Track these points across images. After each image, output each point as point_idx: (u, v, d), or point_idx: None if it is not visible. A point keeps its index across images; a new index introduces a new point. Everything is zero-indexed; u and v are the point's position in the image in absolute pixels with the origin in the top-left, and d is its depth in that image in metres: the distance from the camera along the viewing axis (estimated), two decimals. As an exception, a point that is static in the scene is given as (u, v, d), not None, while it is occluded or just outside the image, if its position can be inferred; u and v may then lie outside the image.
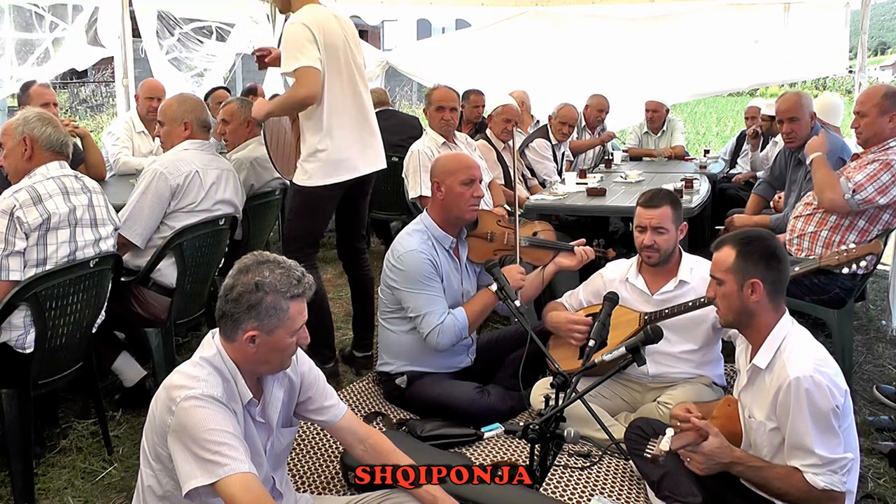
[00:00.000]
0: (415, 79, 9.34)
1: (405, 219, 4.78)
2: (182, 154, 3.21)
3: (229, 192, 3.32)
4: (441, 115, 4.17)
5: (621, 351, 2.24)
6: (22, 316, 2.55)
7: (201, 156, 3.25)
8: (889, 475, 2.71)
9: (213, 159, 3.31)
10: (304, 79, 3.02)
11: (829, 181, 3.17)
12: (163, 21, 6.39)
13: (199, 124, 3.30)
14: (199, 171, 3.17)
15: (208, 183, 3.20)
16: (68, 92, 18.76)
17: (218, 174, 3.27)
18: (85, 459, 2.87)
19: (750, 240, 2.15)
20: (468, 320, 2.98)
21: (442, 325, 2.94)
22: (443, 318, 2.95)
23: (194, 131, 3.29)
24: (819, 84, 30.14)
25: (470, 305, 3.04)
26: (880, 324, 4.28)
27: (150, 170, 3.12)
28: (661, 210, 2.86)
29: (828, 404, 1.95)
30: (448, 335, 2.95)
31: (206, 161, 3.25)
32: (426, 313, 2.96)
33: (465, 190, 3.02)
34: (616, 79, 6.81)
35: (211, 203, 3.21)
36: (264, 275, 1.76)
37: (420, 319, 2.98)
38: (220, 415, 1.68)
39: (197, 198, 3.16)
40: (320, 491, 2.57)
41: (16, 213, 2.50)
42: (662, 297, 2.89)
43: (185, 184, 3.12)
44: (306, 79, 3.02)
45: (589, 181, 4.91)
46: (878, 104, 3.17)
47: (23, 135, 2.65)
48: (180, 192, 3.12)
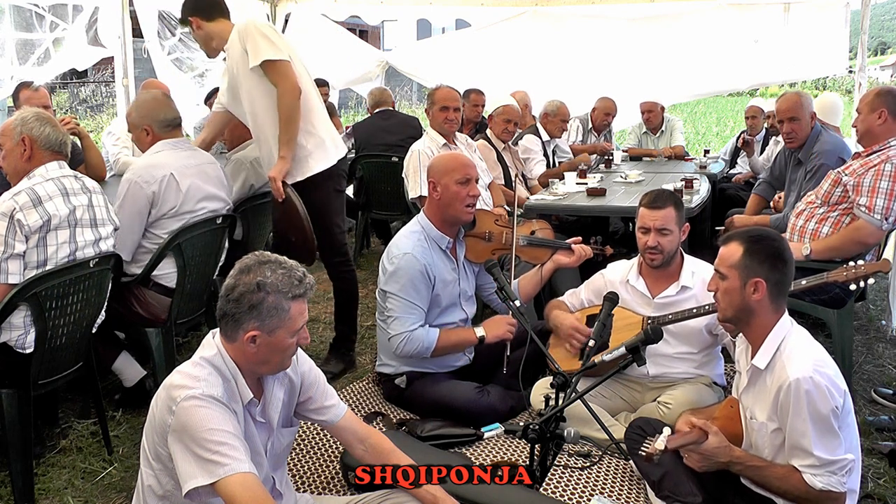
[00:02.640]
0: (415, 79, 9.33)
1: (405, 219, 4.78)
2: (154, 158, 3.11)
3: (213, 186, 3.22)
4: (445, 115, 4.17)
5: (621, 351, 2.24)
6: (22, 316, 2.55)
7: (175, 155, 3.14)
8: (889, 475, 2.71)
9: (190, 155, 3.20)
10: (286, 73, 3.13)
11: (847, 237, 3.15)
12: (164, 21, 6.40)
13: (160, 126, 3.16)
14: (173, 174, 3.06)
15: (185, 184, 3.09)
16: (68, 92, 18.74)
17: (197, 170, 3.16)
18: (85, 459, 2.87)
19: (758, 238, 2.14)
20: (436, 345, 2.99)
21: (411, 335, 2.97)
22: (414, 326, 2.97)
23: (156, 134, 3.16)
24: (819, 84, 30.15)
25: (447, 334, 3.05)
26: (880, 324, 4.29)
27: (125, 179, 3.05)
28: (664, 211, 2.85)
29: (827, 405, 1.95)
30: (412, 346, 2.97)
31: (182, 159, 3.14)
32: (398, 317, 2.98)
33: (460, 189, 3.02)
34: (616, 79, 6.80)
35: (193, 203, 3.13)
36: (266, 275, 1.76)
37: (391, 321, 3.00)
38: (221, 415, 1.68)
39: (177, 201, 3.08)
40: (320, 491, 2.57)
41: (16, 216, 2.50)
42: (664, 300, 2.89)
43: (161, 190, 3.03)
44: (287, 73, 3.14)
45: (589, 181, 4.91)
46: (870, 102, 3.24)
47: (21, 135, 2.64)
48: (158, 200, 3.04)
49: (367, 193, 5.51)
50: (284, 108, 3.15)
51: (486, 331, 3.05)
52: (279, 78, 3.12)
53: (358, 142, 5.71)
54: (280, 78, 3.12)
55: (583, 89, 6.64)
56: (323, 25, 7.52)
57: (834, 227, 3.21)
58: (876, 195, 3.07)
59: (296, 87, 3.15)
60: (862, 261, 2.68)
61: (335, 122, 7.45)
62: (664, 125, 6.59)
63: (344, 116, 13.52)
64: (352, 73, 7.83)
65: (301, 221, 3.24)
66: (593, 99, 6.40)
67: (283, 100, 3.14)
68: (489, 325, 3.07)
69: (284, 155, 3.18)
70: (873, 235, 3.12)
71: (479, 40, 7.34)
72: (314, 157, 3.32)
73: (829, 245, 3.17)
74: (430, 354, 3.01)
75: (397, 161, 4.54)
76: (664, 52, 6.82)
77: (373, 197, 5.50)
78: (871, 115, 3.22)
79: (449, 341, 3.04)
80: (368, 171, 5.43)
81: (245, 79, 3.23)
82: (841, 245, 3.15)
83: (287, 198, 3.22)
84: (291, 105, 3.15)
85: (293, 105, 3.16)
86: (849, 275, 2.66)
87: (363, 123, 6.01)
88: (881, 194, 3.06)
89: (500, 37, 7.14)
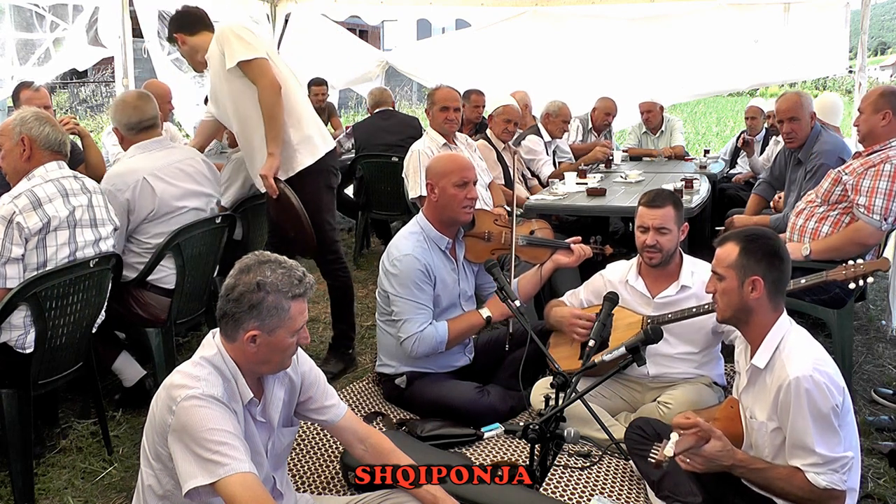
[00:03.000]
0: (415, 79, 9.34)
1: (405, 219, 4.78)
2: (126, 164, 3.07)
3: (192, 183, 3.18)
4: (445, 114, 4.17)
5: (621, 351, 2.24)
6: (22, 316, 2.54)
7: (148, 157, 3.09)
8: (889, 475, 2.71)
9: (165, 154, 3.14)
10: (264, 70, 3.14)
11: (846, 238, 3.14)
12: (164, 21, 6.40)
13: (127, 129, 3.12)
14: (146, 178, 3.02)
15: (160, 186, 3.05)
16: (68, 92, 18.74)
17: (173, 169, 3.12)
18: (85, 459, 2.87)
19: (754, 237, 2.15)
20: (448, 336, 3.00)
21: (421, 334, 2.96)
22: (423, 326, 2.97)
23: (126, 138, 3.13)
24: (819, 84, 30.13)
25: (455, 323, 3.05)
26: (880, 324, 4.29)
27: (102, 188, 3.00)
28: (663, 210, 2.85)
29: (827, 403, 1.96)
30: (425, 345, 2.97)
31: (155, 161, 3.09)
32: (407, 319, 2.98)
33: (458, 192, 3.02)
34: (616, 79, 6.80)
35: (173, 203, 3.09)
36: (266, 274, 1.76)
37: (401, 324, 3.00)
38: (221, 414, 1.68)
39: (154, 204, 3.04)
40: (320, 491, 2.57)
41: (16, 219, 2.50)
42: (663, 300, 2.89)
43: (135, 196, 3.00)
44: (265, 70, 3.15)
45: (589, 181, 4.91)
46: (874, 102, 3.22)
47: (21, 135, 2.64)
48: (134, 206, 3.01)
49: (367, 193, 5.51)
50: (266, 104, 3.15)
51: (492, 310, 3.06)
52: (257, 76, 3.13)
53: (358, 142, 5.72)
54: (258, 76, 3.13)
55: (582, 89, 6.64)
56: (323, 25, 7.52)
57: (834, 226, 3.21)
58: (875, 195, 3.06)
59: (275, 84, 3.14)
60: (861, 260, 2.68)
61: (335, 122, 7.48)
62: (664, 125, 6.59)
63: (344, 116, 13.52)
64: (352, 73, 7.84)
65: (297, 215, 3.24)
66: (593, 99, 6.40)
67: (263, 96, 3.14)
68: (493, 305, 3.07)
69: (273, 151, 3.18)
70: (873, 236, 3.11)
71: (479, 40, 7.34)
72: (301, 152, 3.33)
73: (829, 245, 3.17)
74: (444, 348, 3.01)
75: (397, 161, 4.54)
76: (664, 52, 6.82)
77: (373, 197, 5.50)
78: (874, 115, 3.20)
79: (459, 329, 3.04)
80: (368, 171, 5.43)
81: (226, 82, 3.24)
82: (840, 245, 3.15)
83: (281, 193, 3.21)
84: (272, 101, 3.15)
85: (274, 101, 3.15)
86: (848, 273, 2.66)
87: (363, 123, 6.01)
88: (880, 194, 3.06)
89: (500, 37, 7.15)
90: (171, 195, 3.10)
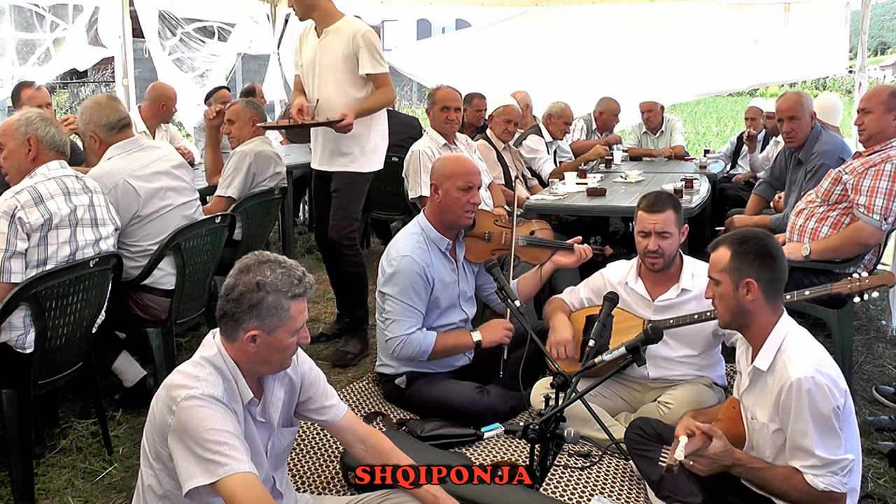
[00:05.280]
0: (415, 79, 9.34)
1: (405, 219, 4.78)
2: (105, 167, 3.04)
3: (173, 179, 3.14)
4: (446, 114, 4.17)
5: (621, 351, 2.24)
6: (22, 316, 2.54)
7: (126, 159, 3.05)
8: (889, 475, 2.71)
9: (143, 154, 3.10)
10: (390, 83, 3.62)
11: (846, 238, 3.13)
12: (164, 21, 6.41)
13: (105, 130, 3.06)
14: (127, 179, 2.99)
15: (142, 186, 3.03)
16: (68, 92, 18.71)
17: (152, 167, 3.09)
18: (85, 459, 2.87)
19: (744, 239, 2.15)
20: (434, 348, 3.00)
21: (408, 338, 2.97)
22: (411, 330, 2.98)
23: (103, 140, 3.08)
24: (819, 84, 30.09)
25: (444, 337, 3.05)
26: (880, 324, 4.28)
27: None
28: (664, 214, 2.83)
29: (829, 405, 1.95)
30: (409, 350, 2.98)
31: (133, 161, 3.06)
32: (396, 320, 2.99)
33: (461, 196, 3.02)
34: (616, 79, 6.80)
35: (158, 200, 3.07)
36: (265, 274, 1.76)
37: (389, 323, 3.01)
38: (221, 414, 1.69)
39: (138, 205, 3.02)
40: (320, 491, 2.57)
41: (17, 214, 2.50)
42: (664, 303, 2.89)
43: (117, 198, 2.97)
44: (390, 83, 3.63)
45: (589, 181, 4.91)
46: (885, 101, 3.18)
47: (26, 135, 2.64)
48: (118, 208, 2.97)
49: (367, 193, 5.49)
50: (377, 105, 3.62)
51: (483, 335, 3.06)
52: (383, 83, 3.59)
53: (358, 142, 5.70)
54: (384, 83, 3.60)
55: (583, 89, 6.64)
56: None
57: (834, 226, 3.21)
58: (875, 195, 3.06)
59: (393, 95, 3.73)
60: (866, 273, 2.67)
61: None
62: (664, 125, 6.59)
63: (344, 116, 13.50)
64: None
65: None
66: (593, 99, 6.41)
67: (380, 99, 3.60)
68: (486, 330, 3.08)
69: (356, 109, 3.51)
70: (873, 236, 3.11)
71: (479, 40, 7.34)
72: (370, 158, 3.74)
73: (829, 245, 3.17)
74: (426, 358, 3.02)
75: (397, 161, 4.54)
76: (664, 52, 6.82)
77: (373, 197, 5.47)
78: (886, 115, 3.17)
79: (446, 345, 3.05)
80: (368, 171, 5.42)
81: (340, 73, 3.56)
82: (840, 245, 3.15)
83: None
84: (383, 104, 3.67)
85: (384, 105, 3.69)
86: (853, 287, 2.65)
87: (363, 123, 5.99)
88: (880, 194, 3.05)
89: (501, 37, 7.15)
90: (154, 192, 3.07)
